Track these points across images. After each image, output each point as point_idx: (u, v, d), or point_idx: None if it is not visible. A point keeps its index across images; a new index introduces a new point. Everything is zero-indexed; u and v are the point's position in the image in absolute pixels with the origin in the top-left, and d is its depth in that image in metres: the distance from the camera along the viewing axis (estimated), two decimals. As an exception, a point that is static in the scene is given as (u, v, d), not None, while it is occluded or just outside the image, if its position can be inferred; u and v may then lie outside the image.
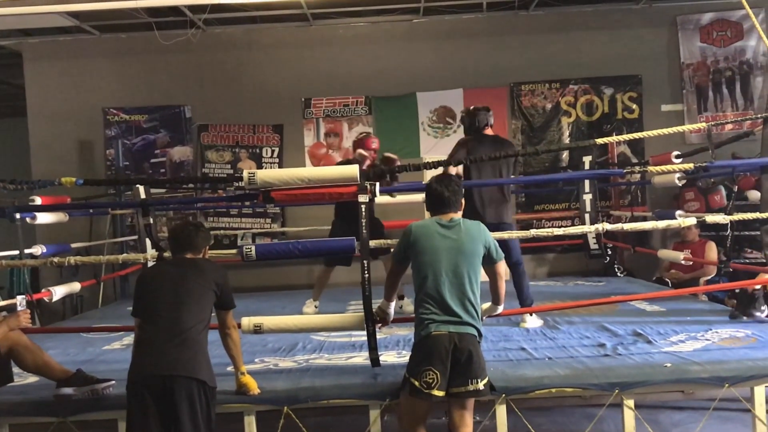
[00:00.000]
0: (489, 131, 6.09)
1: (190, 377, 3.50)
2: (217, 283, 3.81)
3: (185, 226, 4.06)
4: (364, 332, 4.45)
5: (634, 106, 9.70)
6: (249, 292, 8.10)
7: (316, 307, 6.67)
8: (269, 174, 4.58)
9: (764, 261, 6.83)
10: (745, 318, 5.47)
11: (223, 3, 7.70)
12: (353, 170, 4.52)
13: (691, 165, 5.35)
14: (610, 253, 8.88)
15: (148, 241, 7.51)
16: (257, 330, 4.48)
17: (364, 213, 4.46)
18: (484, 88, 9.65)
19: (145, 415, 3.49)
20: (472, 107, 6.22)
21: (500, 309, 4.23)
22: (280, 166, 9.62)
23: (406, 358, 3.89)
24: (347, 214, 5.92)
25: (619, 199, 9.43)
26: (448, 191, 3.91)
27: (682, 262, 7.31)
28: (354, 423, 4.31)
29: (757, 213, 5.41)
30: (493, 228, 4.63)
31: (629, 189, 9.45)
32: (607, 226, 5.17)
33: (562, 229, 5.20)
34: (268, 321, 4.54)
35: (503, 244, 5.27)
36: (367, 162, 6.28)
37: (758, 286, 5.49)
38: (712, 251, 7.69)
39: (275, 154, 9.78)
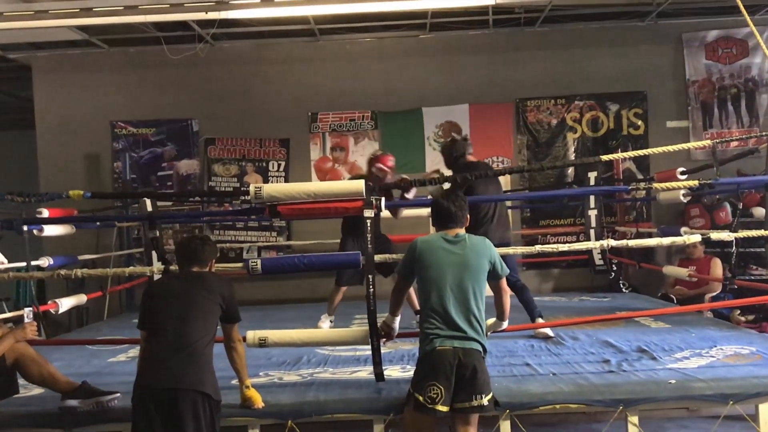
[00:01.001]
0: (471, 158, 6.18)
1: (195, 390, 3.51)
2: (223, 296, 3.83)
3: (192, 239, 4.08)
4: (369, 347, 4.46)
5: (640, 123, 9.72)
6: (254, 305, 8.10)
7: (331, 322, 6.55)
8: (276, 188, 4.61)
9: (769, 278, 6.84)
10: None
11: (231, 18, 7.76)
12: (359, 185, 4.55)
13: (697, 182, 5.36)
14: (615, 268, 8.88)
15: (154, 254, 7.56)
16: (262, 343, 4.49)
17: (369, 228, 4.48)
18: (490, 103, 9.69)
19: (150, 428, 3.51)
20: (449, 139, 6.32)
21: (505, 324, 4.24)
22: (286, 180, 9.65)
23: (411, 373, 3.90)
24: (354, 232, 5.94)
25: (624, 214, 9.43)
26: (455, 206, 3.93)
27: (687, 278, 7.30)
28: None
29: (762, 230, 5.42)
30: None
31: (634, 205, 9.45)
32: (613, 243, 5.17)
33: (567, 245, 5.21)
34: (273, 334, 4.55)
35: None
36: (388, 178, 6.21)
37: None
38: (717, 268, 7.68)
39: (281, 168, 9.82)
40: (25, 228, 6.01)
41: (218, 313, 3.82)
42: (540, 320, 5.78)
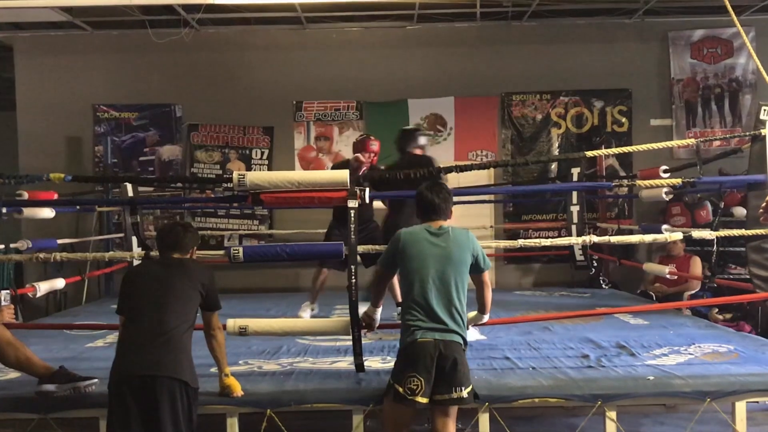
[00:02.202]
0: (418, 152, 6.31)
1: (172, 377, 3.49)
2: (203, 284, 3.80)
3: (173, 226, 4.05)
4: (350, 337, 4.45)
5: (624, 120, 9.76)
6: (235, 294, 8.07)
7: (312, 310, 6.53)
8: (259, 176, 4.58)
9: (748, 277, 6.90)
10: None
11: (217, 3, 7.70)
12: (343, 175, 4.53)
13: (680, 180, 5.39)
14: (595, 264, 8.92)
15: (134, 239, 7.50)
16: (242, 332, 4.47)
17: (353, 218, 4.46)
18: (476, 96, 9.69)
19: (126, 415, 3.48)
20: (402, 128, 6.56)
21: (486, 318, 4.24)
22: (269, 169, 9.61)
23: (391, 364, 3.90)
24: (342, 219, 5.89)
25: (606, 211, 9.48)
26: (439, 199, 3.92)
27: (667, 276, 7.35)
28: (337, 427, 4.30)
29: (743, 230, 5.46)
30: None
31: (616, 202, 9.50)
32: (595, 239, 5.20)
33: (550, 240, 5.22)
34: (254, 323, 4.53)
35: None
36: (364, 167, 6.15)
37: None
38: (696, 266, 7.74)
39: (265, 156, 9.77)
40: (4, 210, 5.93)
41: (198, 301, 3.79)
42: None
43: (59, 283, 6.88)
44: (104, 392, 3.74)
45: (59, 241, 7.60)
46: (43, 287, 6.43)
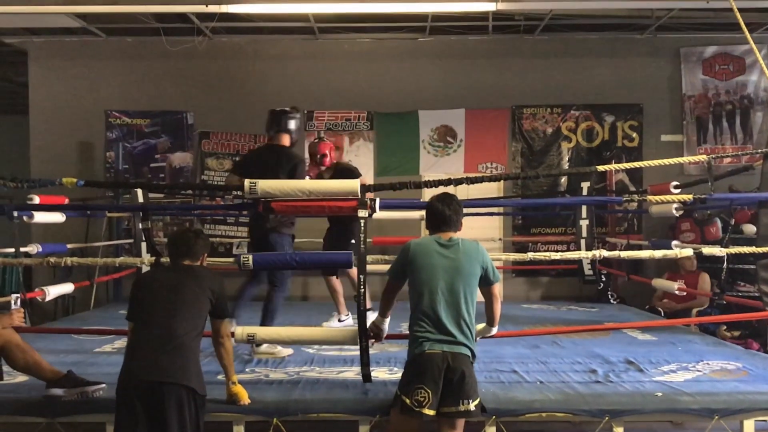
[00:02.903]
0: (284, 140, 5.57)
1: (180, 384, 3.49)
2: (213, 291, 3.81)
3: (185, 232, 4.08)
4: (356, 347, 4.44)
5: (634, 135, 9.75)
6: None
7: (340, 321, 6.42)
8: (271, 184, 4.58)
9: (757, 295, 6.86)
10: None
11: (230, 12, 7.73)
12: (354, 185, 4.54)
13: (690, 196, 5.37)
14: (604, 279, 8.89)
15: (143, 245, 7.52)
16: (250, 339, 4.48)
17: (363, 228, 4.46)
18: (486, 109, 9.70)
19: (134, 420, 3.48)
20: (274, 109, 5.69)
21: (494, 330, 4.23)
22: (279, 177, 9.60)
23: (398, 375, 3.89)
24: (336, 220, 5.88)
25: (615, 226, 9.46)
26: (449, 210, 3.92)
27: (676, 292, 7.33)
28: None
29: (753, 247, 5.44)
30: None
31: (625, 217, 9.48)
32: (605, 253, 5.18)
33: (560, 253, 5.21)
34: (262, 331, 4.55)
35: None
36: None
37: None
38: (705, 282, 7.71)
39: (275, 165, 9.77)
40: (15, 214, 5.96)
41: (207, 308, 3.79)
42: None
43: (68, 287, 6.90)
44: (112, 397, 3.74)
45: (69, 246, 7.62)
46: (52, 291, 6.45)
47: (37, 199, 6.39)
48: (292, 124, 5.59)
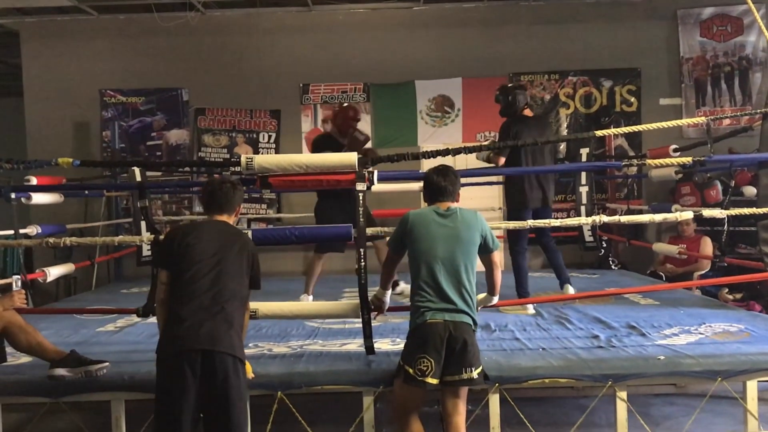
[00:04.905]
0: (528, 112, 6.10)
1: (229, 354, 3.32)
2: (253, 260, 3.66)
3: (223, 182, 3.80)
4: (359, 320, 4.45)
5: (633, 99, 9.70)
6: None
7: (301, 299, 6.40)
8: (267, 159, 4.56)
9: (758, 256, 6.86)
10: None
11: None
12: (351, 158, 4.51)
13: (690, 159, 5.34)
14: (605, 245, 8.89)
15: (142, 224, 7.50)
16: (252, 315, 4.46)
17: (361, 201, 4.44)
18: (483, 77, 9.62)
19: (183, 389, 3.25)
20: (509, 85, 6.22)
21: (495, 299, 4.23)
22: (276, 152, 9.59)
23: (401, 346, 3.89)
24: (330, 193, 5.83)
25: (615, 192, 9.43)
26: (446, 180, 3.91)
27: (677, 255, 7.32)
28: (348, 409, 4.31)
29: (754, 208, 5.42)
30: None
31: (625, 182, 9.45)
32: (605, 219, 5.16)
33: (560, 220, 5.19)
34: (264, 306, 4.53)
35: (514, 231, 5.57)
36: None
37: None
38: (706, 246, 7.70)
39: (272, 140, 9.75)
40: (13, 195, 5.95)
41: (248, 275, 3.63)
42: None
43: (69, 268, 6.91)
44: (115, 376, 3.77)
45: (68, 226, 7.62)
46: (53, 272, 6.47)
47: (34, 180, 6.40)
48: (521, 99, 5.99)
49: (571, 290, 6.02)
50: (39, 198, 6.76)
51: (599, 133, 5.60)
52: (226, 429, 3.32)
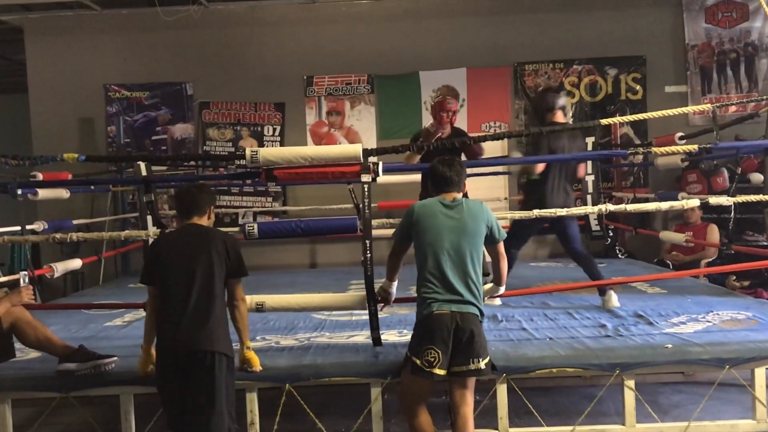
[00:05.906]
0: (559, 116, 5.93)
1: (207, 351, 3.56)
2: (228, 250, 3.81)
3: (188, 188, 4.05)
4: (366, 311, 4.45)
5: (638, 87, 9.65)
6: (250, 271, 8.05)
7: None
8: (272, 152, 4.55)
9: (765, 244, 6.84)
10: None
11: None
12: (356, 149, 4.50)
13: (696, 146, 5.32)
14: (611, 234, 8.87)
15: (148, 218, 7.52)
16: (259, 308, 4.49)
17: (366, 193, 4.44)
18: (488, 67, 9.59)
19: (174, 387, 3.60)
20: (540, 89, 6.04)
21: (502, 290, 4.23)
22: (281, 145, 9.59)
23: (408, 337, 3.90)
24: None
25: (621, 180, 9.41)
26: (451, 171, 3.91)
27: (684, 243, 7.30)
28: (355, 401, 4.32)
29: (761, 195, 5.40)
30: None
31: (631, 170, 9.42)
32: (611, 207, 5.16)
33: (565, 209, 5.16)
34: (271, 299, 4.55)
35: (564, 232, 5.61)
36: (440, 134, 6.04)
37: None
38: (713, 234, 7.68)
39: (277, 133, 9.75)
40: (19, 191, 5.96)
41: (225, 269, 3.80)
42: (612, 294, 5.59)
43: (76, 263, 6.93)
44: (124, 370, 3.79)
45: (75, 222, 7.63)
46: (60, 268, 6.49)
47: (40, 176, 6.41)
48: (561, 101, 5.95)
49: (614, 301, 5.54)
50: (45, 194, 6.78)
51: (605, 121, 5.58)
52: (208, 418, 3.53)
